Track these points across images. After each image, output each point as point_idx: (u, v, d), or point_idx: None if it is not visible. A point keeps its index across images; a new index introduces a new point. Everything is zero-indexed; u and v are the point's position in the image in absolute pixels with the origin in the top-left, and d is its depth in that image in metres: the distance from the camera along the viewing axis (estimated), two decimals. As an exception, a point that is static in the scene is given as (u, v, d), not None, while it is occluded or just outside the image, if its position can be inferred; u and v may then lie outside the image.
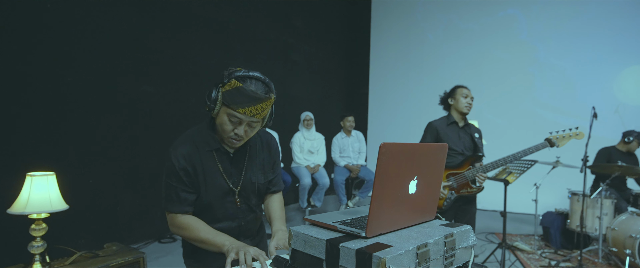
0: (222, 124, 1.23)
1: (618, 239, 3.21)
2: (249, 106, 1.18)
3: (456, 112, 2.70)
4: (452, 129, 2.67)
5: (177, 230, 1.30)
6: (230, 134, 1.24)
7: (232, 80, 1.19)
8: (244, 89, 1.17)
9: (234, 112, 1.19)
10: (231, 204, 1.35)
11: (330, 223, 0.87)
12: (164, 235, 3.94)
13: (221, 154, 1.33)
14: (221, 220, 1.34)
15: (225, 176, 1.33)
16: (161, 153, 3.93)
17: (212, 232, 1.27)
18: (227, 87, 1.19)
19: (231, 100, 1.18)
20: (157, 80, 3.89)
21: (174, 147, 1.30)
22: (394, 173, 0.80)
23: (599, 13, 5.44)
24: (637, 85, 5.24)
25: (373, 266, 0.69)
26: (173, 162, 1.26)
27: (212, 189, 1.30)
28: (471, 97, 2.67)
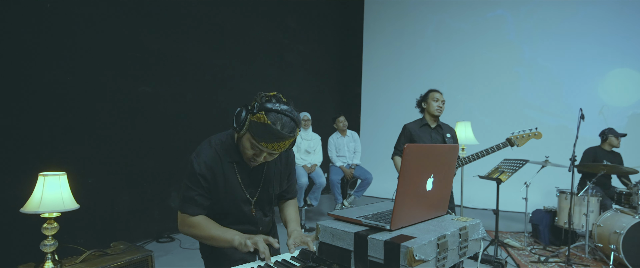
0: (245, 147, 1.28)
1: (603, 235, 3.36)
2: (272, 143, 1.20)
3: (428, 115, 2.93)
4: (425, 130, 2.90)
5: (188, 229, 1.35)
6: (250, 157, 1.29)
7: (261, 113, 1.19)
8: (270, 127, 1.18)
9: (257, 143, 1.22)
10: (248, 213, 1.42)
11: (354, 218, 0.95)
12: (162, 234, 3.96)
13: (241, 167, 1.38)
14: (240, 224, 1.40)
15: (244, 187, 1.38)
16: (159, 153, 3.96)
17: (221, 229, 1.32)
18: (256, 118, 1.20)
19: (256, 133, 1.20)
20: (154, 80, 3.91)
21: (197, 153, 1.34)
22: (415, 172, 0.89)
23: (585, 17, 5.63)
24: (621, 87, 5.45)
25: (401, 255, 0.77)
26: (195, 168, 1.31)
27: (230, 198, 1.36)
28: (442, 100, 2.88)
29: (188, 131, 4.28)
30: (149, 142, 3.86)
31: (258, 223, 1.45)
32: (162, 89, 4.00)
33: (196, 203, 1.32)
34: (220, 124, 4.70)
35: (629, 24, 5.39)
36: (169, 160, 4.08)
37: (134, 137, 3.72)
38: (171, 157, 4.11)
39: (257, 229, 1.45)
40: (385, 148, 7.26)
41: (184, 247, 3.71)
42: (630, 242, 3.11)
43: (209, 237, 1.31)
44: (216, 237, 1.29)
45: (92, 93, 3.34)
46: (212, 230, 1.31)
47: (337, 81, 7.66)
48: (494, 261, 0.94)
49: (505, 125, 5.96)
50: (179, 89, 4.19)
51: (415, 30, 7.07)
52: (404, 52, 7.18)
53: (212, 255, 1.45)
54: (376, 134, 7.18)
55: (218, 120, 4.68)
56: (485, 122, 6.15)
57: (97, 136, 3.40)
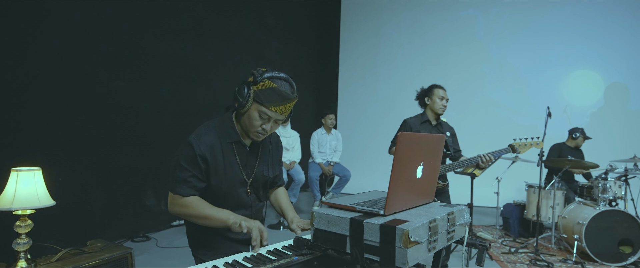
0: (252, 119, 1.32)
1: (568, 226, 3.57)
2: (280, 105, 1.29)
3: (431, 112, 2.82)
4: (425, 127, 2.79)
5: (179, 208, 1.34)
6: (258, 129, 1.33)
7: (265, 80, 1.28)
8: (277, 89, 1.28)
9: (266, 109, 1.29)
10: (243, 194, 1.44)
11: (348, 205, 0.98)
12: (138, 233, 3.86)
13: (239, 147, 1.41)
14: (235, 209, 1.40)
15: (242, 167, 1.42)
16: (134, 149, 3.85)
17: (214, 209, 1.32)
18: (261, 87, 1.28)
19: (264, 99, 1.28)
20: (129, 75, 3.80)
21: (198, 135, 1.35)
22: (408, 160, 0.93)
23: (550, 20, 5.94)
24: (583, 87, 5.78)
25: (396, 237, 0.81)
26: (194, 149, 1.31)
27: (229, 179, 1.38)
28: (447, 98, 2.79)
29: (164, 128, 4.19)
30: (124, 138, 3.76)
31: (252, 207, 1.47)
32: (137, 84, 3.89)
33: (190, 184, 1.32)
34: (197, 121, 4.61)
35: (590, 29, 5.72)
36: (144, 157, 3.98)
37: (108, 132, 3.61)
38: (146, 154, 4.01)
39: (250, 214, 1.46)
40: (362, 145, 7.40)
41: (161, 245, 3.64)
42: (592, 231, 3.32)
43: (203, 216, 1.30)
44: (209, 216, 1.30)
45: (64, 87, 3.21)
46: (205, 209, 1.31)
47: (314, 79, 7.70)
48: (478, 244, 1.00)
49: (476, 124, 6.19)
50: (155, 85, 4.09)
51: (390, 28, 7.21)
52: (380, 50, 7.30)
53: (202, 249, 1.44)
54: (353, 131, 7.27)
55: (194, 117, 4.61)
56: (456, 119, 6.35)
57: (69, 131, 3.27)
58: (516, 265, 3.23)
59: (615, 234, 3.33)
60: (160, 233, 4.05)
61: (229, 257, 1.10)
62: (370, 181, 6.66)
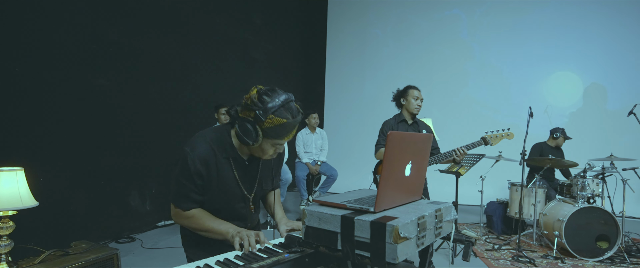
0: (265, 150, 1.29)
1: (548, 223, 3.68)
2: (291, 133, 1.28)
3: (406, 112, 2.96)
4: (402, 126, 2.94)
5: (182, 220, 1.36)
6: (271, 154, 1.32)
7: (272, 118, 1.20)
8: (287, 124, 1.22)
9: (279, 140, 1.26)
10: (244, 210, 1.43)
11: (338, 202, 1.00)
12: (122, 234, 3.81)
13: (237, 162, 1.37)
14: (232, 221, 1.39)
15: (241, 183, 1.38)
16: (118, 149, 3.79)
17: (216, 221, 1.34)
18: (268, 124, 1.21)
19: (276, 135, 1.24)
20: (113, 73, 3.74)
21: (191, 148, 1.30)
22: (397, 158, 0.95)
23: (532, 23, 6.09)
24: (563, 88, 5.95)
25: (386, 233, 0.83)
26: (189, 164, 1.27)
27: (225, 195, 1.36)
28: (421, 98, 2.93)
29: (148, 127, 4.13)
30: (108, 138, 3.69)
31: (248, 220, 1.46)
32: (121, 82, 3.83)
33: (190, 198, 1.33)
34: (183, 120, 4.58)
35: (569, 31, 5.89)
36: (129, 157, 3.92)
37: (92, 132, 3.54)
38: (131, 154, 3.95)
39: (245, 225, 1.46)
40: (349, 144, 7.44)
41: (146, 246, 3.59)
42: (571, 228, 3.43)
43: (204, 229, 1.32)
44: (211, 229, 1.31)
45: (46, 86, 3.14)
46: (207, 222, 1.32)
47: (301, 78, 7.70)
48: (464, 240, 1.03)
49: (458, 123, 6.30)
50: (139, 83, 4.03)
51: (376, 28, 7.27)
52: (366, 49, 7.36)
53: (195, 248, 1.43)
54: (339, 130, 7.31)
55: (181, 116, 4.56)
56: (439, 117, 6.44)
57: (52, 130, 3.20)
58: (499, 262, 3.31)
59: (593, 230, 3.44)
60: (146, 234, 4.00)
61: (220, 255, 1.10)
62: (357, 180, 6.70)
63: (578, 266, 3.28)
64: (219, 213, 1.38)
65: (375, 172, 3.16)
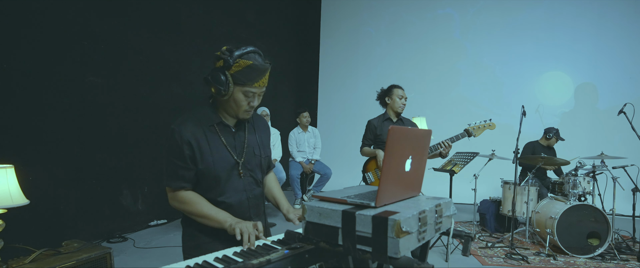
0: (239, 101, 1.32)
1: (540, 221, 3.71)
2: (262, 78, 1.31)
3: (391, 110, 3.02)
4: (387, 124, 3.01)
5: (178, 204, 1.36)
6: (246, 108, 1.34)
7: (238, 61, 1.26)
8: (254, 65, 1.27)
9: (249, 88, 1.29)
10: (236, 177, 1.40)
11: (338, 198, 0.99)
12: (113, 234, 3.75)
13: (223, 128, 1.39)
14: (228, 193, 1.37)
15: (229, 148, 1.39)
16: (109, 147, 3.74)
17: (214, 209, 1.33)
18: (236, 68, 1.26)
19: (246, 79, 1.27)
20: (104, 70, 3.68)
21: (177, 124, 1.34)
22: (398, 153, 0.94)
23: (524, 22, 6.15)
24: (554, 88, 6.02)
25: (388, 227, 0.82)
26: (176, 138, 1.30)
27: (218, 161, 1.35)
28: (405, 97, 2.99)
29: (140, 125, 4.08)
30: (99, 136, 3.64)
31: (247, 190, 1.42)
32: (113, 79, 3.77)
33: (179, 176, 1.32)
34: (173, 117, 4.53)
35: (560, 32, 5.96)
36: (120, 155, 3.87)
37: (83, 130, 3.49)
38: (123, 152, 3.90)
39: (247, 199, 1.42)
40: (342, 143, 7.44)
41: (139, 246, 3.55)
42: (563, 225, 3.46)
43: (201, 215, 1.32)
44: (208, 215, 1.31)
45: (37, 83, 3.08)
46: (204, 208, 1.32)
47: (294, 76, 7.68)
48: (464, 235, 1.03)
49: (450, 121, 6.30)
50: (131, 81, 3.98)
51: (369, 26, 7.28)
52: (359, 48, 7.36)
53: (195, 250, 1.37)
54: (333, 129, 7.30)
55: (173, 115, 4.51)
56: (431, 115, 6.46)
57: (42, 128, 3.14)
58: (493, 259, 3.34)
59: (584, 228, 3.49)
60: (138, 233, 3.95)
61: (219, 252, 1.09)
62: (351, 178, 6.71)
63: (570, 263, 3.32)
64: (218, 183, 1.36)
65: (364, 170, 3.17)
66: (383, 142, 3.05)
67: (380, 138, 3.06)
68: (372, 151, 3.08)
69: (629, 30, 5.69)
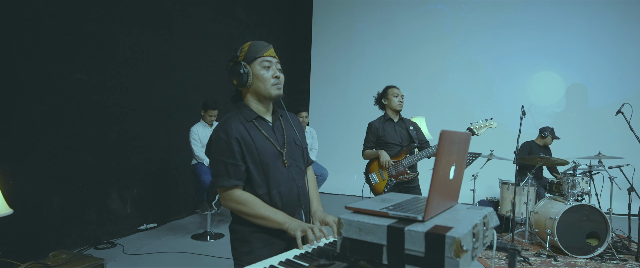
0: (260, 76, 1.40)
1: (539, 221, 3.70)
2: (267, 49, 1.42)
3: (390, 110, 3.03)
4: (389, 125, 3.02)
5: (235, 205, 1.36)
6: (272, 80, 1.41)
7: (241, 47, 1.42)
8: (255, 42, 1.43)
9: (262, 58, 1.40)
10: (282, 167, 1.43)
11: (377, 210, 0.89)
12: (101, 240, 3.57)
13: (261, 122, 1.44)
14: (278, 184, 1.40)
15: (271, 140, 1.43)
16: (95, 149, 3.55)
17: (271, 209, 1.34)
18: (242, 52, 1.40)
19: (254, 53, 1.39)
20: (90, 68, 3.49)
21: (221, 125, 1.39)
22: (446, 160, 0.85)
23: (517, 22, 6.17)
24: (545, 88, 6.06)
25: (446, 246, 0.72)
26: (223, 137, 1.35)
27: (264, 153, 1.39)
28: (401, 95, 3.01)
29: (129, 124, 3.90)
30: (84, 137, 3.45)
31: (295, 180, 1.45)
32: (99, 77, 3.59)
33: (231, 174, 1.35)
34: (166, 118, 4.36)
35: (553, 32, 6.00)
36: (107, 157, 3.68)
37: (68, 130, 3.30)
38: (110, 154, 3.71)
39: (296, 188, 1.45)
40: (335, 143, 7.34)
41: (129, 252, 3.38)
42: (563, 226, 3.45)
43: (259, 216, 1.33)
44: (266, 216, 1.32)
45: (18, 80, 2.88)
46: (262, 209, 1.34)
47: (286, 75, 7.46)
48: (509, 248, 0.95)
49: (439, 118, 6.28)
50: (118, 78, 3.79)
51: (360, 22, 7.21)
52: (352, 46, 7.28)
53: (248, 256, 1.38)
54: (325, 128, 7.19)
55: (164, 113, 4.34)
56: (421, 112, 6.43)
57: (24, 129, 2.94)
58: (495, 261, 3.29)
59: (584, 228, 3.48)
60: (127, 238, 3.77)
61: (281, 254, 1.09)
62: (344, 179, 6.63)
63: (570, 264, 3.30)
64: (268, 174, 1.39)
65: (367, 172, 3.10)
66: (386, 143, 2.99)
67: (383, 139, 3.00)
68: (374, 152, 3.00)
69: (618, 31, 5.77)
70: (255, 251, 1.37)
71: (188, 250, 3.45)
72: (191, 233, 4.01)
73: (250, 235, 1.39)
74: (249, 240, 1.39)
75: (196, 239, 3.82)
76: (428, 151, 2.87)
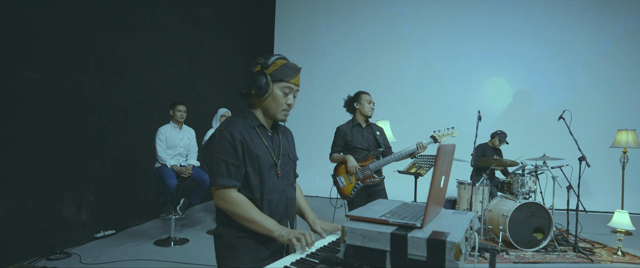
0: (277, 98, 1.42)
1: (493, 218, 3.99)
2: (296, 76, 1.45)
3: (360, 115, 3.11)
4: (357, 130, 3.10)
5: (229, 206, 1.36)
6: (284, 106, 1.44)
7: (275, 61, 1.41)
8: (289, 64, 1.44)
9: (287, 83, 1.42)
10: (275, 177, 1.48)
11: (377, 217, 0.95)
12: (54, 250, 3.34)
13: (263, 131, 1.49)
14: (270, 191, 1.44)
15: (269, 149, 1.47)
16: (47, 151, 3.32)
17: (263, 216, 1.36)
18: (273, 67, 1.40)
19: (283, 75, 1.41)
20: (42, 65, 3.26)
21: (225, 125, 1.41)
22: (440, 171, 0.93)
23: (469, 31, 6.59)
24: (495, 93, 6.52)
25: (446, 251, 0.80)
26: (227, 137, 1.37)
27: (263, 159, 1.43)
28: (373, 102, 3.11)
29: (84, 126, 3.69)
30: (34, 140, 3.21)
31: (285, 191, 1.50)
32: (52, 76, 3.35)
33: (232, 174, 1.37)
34: (123, 118, 4.17)
35: (501, 42, 6.48)
36: (62, 161, 3.46)
37: (15, 133, 3.05)
38: (64, 157, 3.48)
39: (285, 198, 1.49)
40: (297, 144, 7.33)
41: (86, 262, 3.20)
42: (513, 222, 3.75)
43: (250, 219, 1.34)
44: (257, 221, 1.34)
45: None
46: (255, 213, 1.35)
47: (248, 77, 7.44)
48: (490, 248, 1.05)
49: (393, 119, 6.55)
50: (74, 77, 3.57)
51: (322, 23, 7.32)
52: (315, 46, 7.36)
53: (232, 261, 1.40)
54: (288, 130, 7.22)
55: (121, 114, 4.14)
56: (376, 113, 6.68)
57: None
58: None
59: (531, 223, 3.81)
60: (83, 247, 3.56)
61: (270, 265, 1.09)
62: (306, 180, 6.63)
63: (520, 257, 3.60)
64: (263, 180, 1.42)
65: (335, 175, 3.18)
66: (353, 147, 3.07)
67: (351, 144, 3.08)
68: (342, 157, 3.07)
69: (558, 43, 6.35)
70: (239, 256, 1.39)
71: (153, 257, 3.33)
72: (153, 239, 3.87)
73: (235, 241, 1.40)
74: (233, 246, 1.40)
75: (160, 245, 3.70)
76: (394, 156, 3.00)
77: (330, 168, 3.21)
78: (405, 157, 3.06)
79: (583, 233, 4.28)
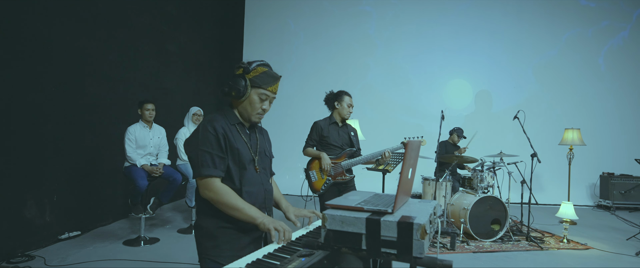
0: (253, 103, 1.50)
1: (455, 212, 4.25)
2: (274, 84, 1.52)
3: (338, 115, 3.19)
4: (333, 128, 3.19)
5: (214, 195, 1.42)
6: (259, 110, 1.52)
7: (256, 67, 1.49)
8: (269, 72, 1.51)
9: (265, 91, 1.49)
10: (253, 170, 1.57)
11: (353, 205, 1.06)
12: (15, 253, 3.22)
13: (241, 128, 1.57)
14: (250, 183, 1.53)
15: (248, 145, 1.56)
16: (7, 150, 3.19)
17: (246, 204, 1.43)
18: (254, 73, 1.48)
19: (262, 82, 1.48)
20: (2, 61, 3.13)
21: (209, 121, 1.49)
22: (408, 164, 1.05)
23: (434, 34, 6.91)
24: (458, 94, 6.88)
25: (413, 231, 0.93)
26: (210, 130, 1.45)
27: (243, 153, 1.52)
28: (352, 105, 3.19)
29: (48, 124, 3.57)
30: (-2, 138, 3.08)
31: (263, 184, 1.59)
32: (12, 72, 3.22)
33: (216, 164, 1.44)
34: (89, 116, 4.06)
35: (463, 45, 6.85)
36: (22, 161, 3.33)
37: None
38: (26, 155, 3.36)
39: (263, 191, 1.58)
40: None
41: (51, 264, 3.11)
42: (473, 215, 4.02)
43: (233, 206, 1.41)
44: (241, 208, 1.40)
45: None
46: (238, 201, 1.42)
47: (218, 75, 7.40)
48: (451, 232, 1.20)
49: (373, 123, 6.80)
50: (35, 74, 3.44)
51: (291, 20, 7.40)
52: (284, 45, 7.43)
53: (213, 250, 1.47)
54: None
55: (86, 113, 4.03)
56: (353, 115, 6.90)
57: None
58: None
59: (489, 215, 4.10)
60: (47, 249, 3.45)
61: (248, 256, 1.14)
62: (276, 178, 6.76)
63: (479, 247, 3.87)
64: (244, 172, 1.51)
65: (307, 169, 3.26)
66: (328, 144, 3.17)
67: (326, 140, 3.17)
68: (316, 153, 3.16)
69: (514, 46, 6.80)
70: (220, 245, 1.47)
71: (123, 257, 3.29)
72: (122, 239, 3.81)
73: (217, 231, 1.47)
74: (215, 235, 1.48)
75: (129, 245, 3.64)
76: (362, 158, 3.12)
77: (301, 166, 3.29)
78: (371, 161, 3.20)
79: (534, 223, 4.65)
